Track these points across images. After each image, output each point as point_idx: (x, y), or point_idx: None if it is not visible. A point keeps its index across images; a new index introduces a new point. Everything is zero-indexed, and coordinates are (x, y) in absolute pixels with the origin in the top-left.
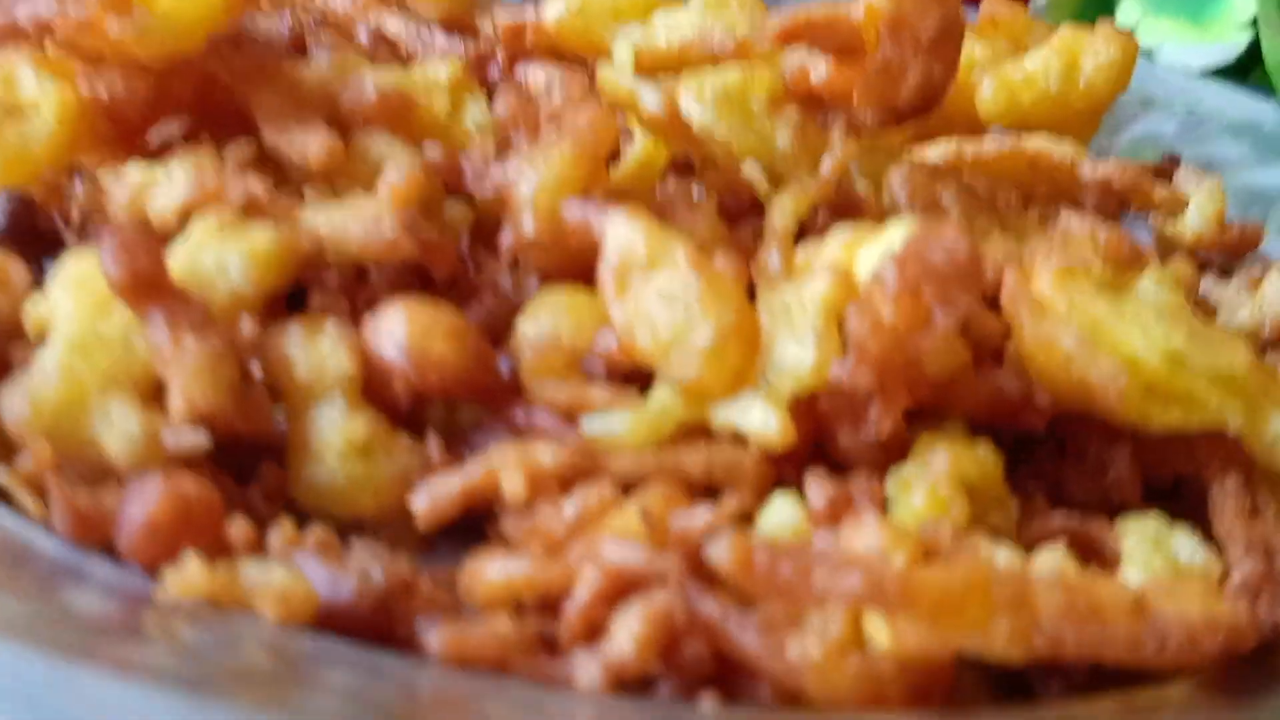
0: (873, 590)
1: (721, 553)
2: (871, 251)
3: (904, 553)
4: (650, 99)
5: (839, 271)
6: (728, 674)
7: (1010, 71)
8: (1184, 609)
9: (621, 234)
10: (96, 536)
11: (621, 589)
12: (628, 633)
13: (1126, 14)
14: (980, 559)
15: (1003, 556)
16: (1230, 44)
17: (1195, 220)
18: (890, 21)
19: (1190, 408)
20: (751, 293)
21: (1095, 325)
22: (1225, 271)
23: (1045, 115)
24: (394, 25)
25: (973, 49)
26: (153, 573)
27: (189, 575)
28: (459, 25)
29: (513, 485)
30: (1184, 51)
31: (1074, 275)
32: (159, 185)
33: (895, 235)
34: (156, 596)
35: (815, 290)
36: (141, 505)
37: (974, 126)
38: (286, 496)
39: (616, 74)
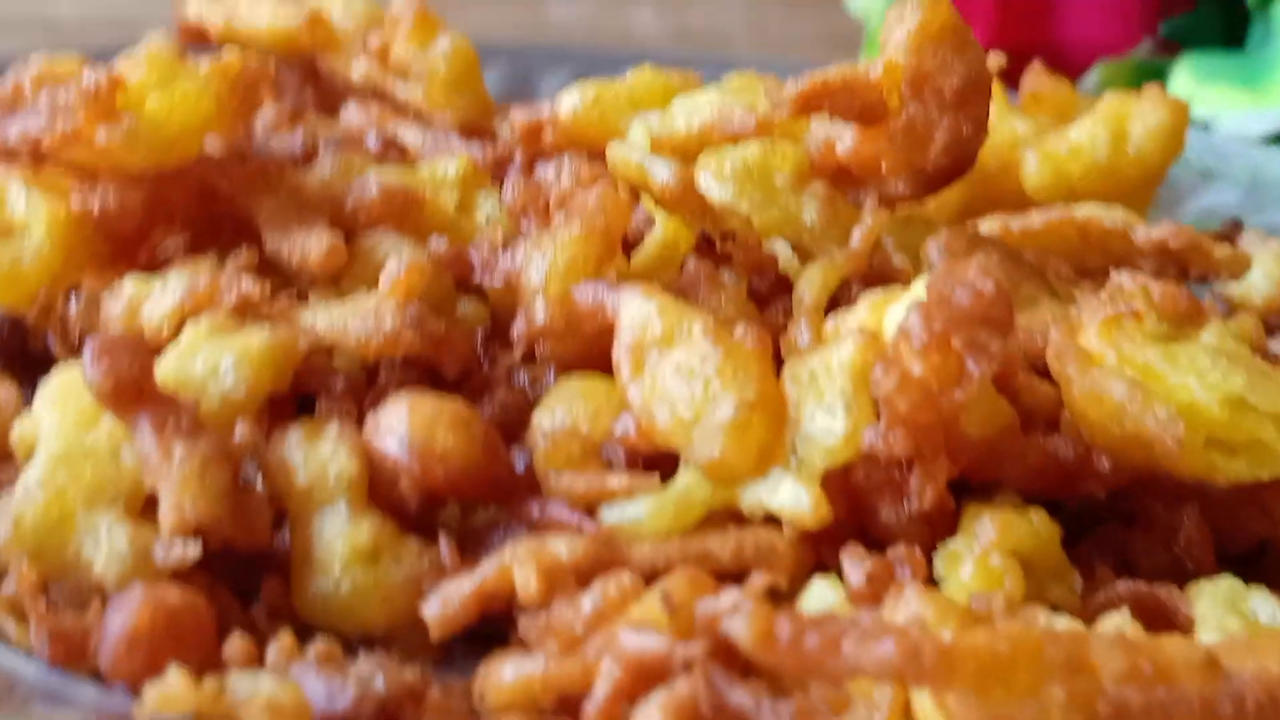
0: (909, 660)
1: (740, 626)
2: (899, 310)
3: (949, 624)
4: (661, 172)
5: (867, 334)
6: None
7: (1055, 144)
8: (1263, 666)
9: (636, 311)
10: (80, 659)
11: (643, 682)
12: None
13: (1179, 86)
14: (1029, 623)
15: (1061, 625)
16: None
17: (1263, 284)
18: (912, 78)
19: (1258, 456)
20: (780, 368)
21: (1147, 373)
22: None
23: (1096, 187)
24: (408, 134)
25: (1015, 126)
26: (138, 693)
27: (171, 689)
28: (477, 131)
29: (526, 582)
30: (1242, 120)
31: (1122, 324)
32: (153, 296)
33: (921, 288)
34: (135, 714)
35: (843, 355)
36: (122, 618)
37: (1022, 207)
38: (291, 613)
39: (626, 150)
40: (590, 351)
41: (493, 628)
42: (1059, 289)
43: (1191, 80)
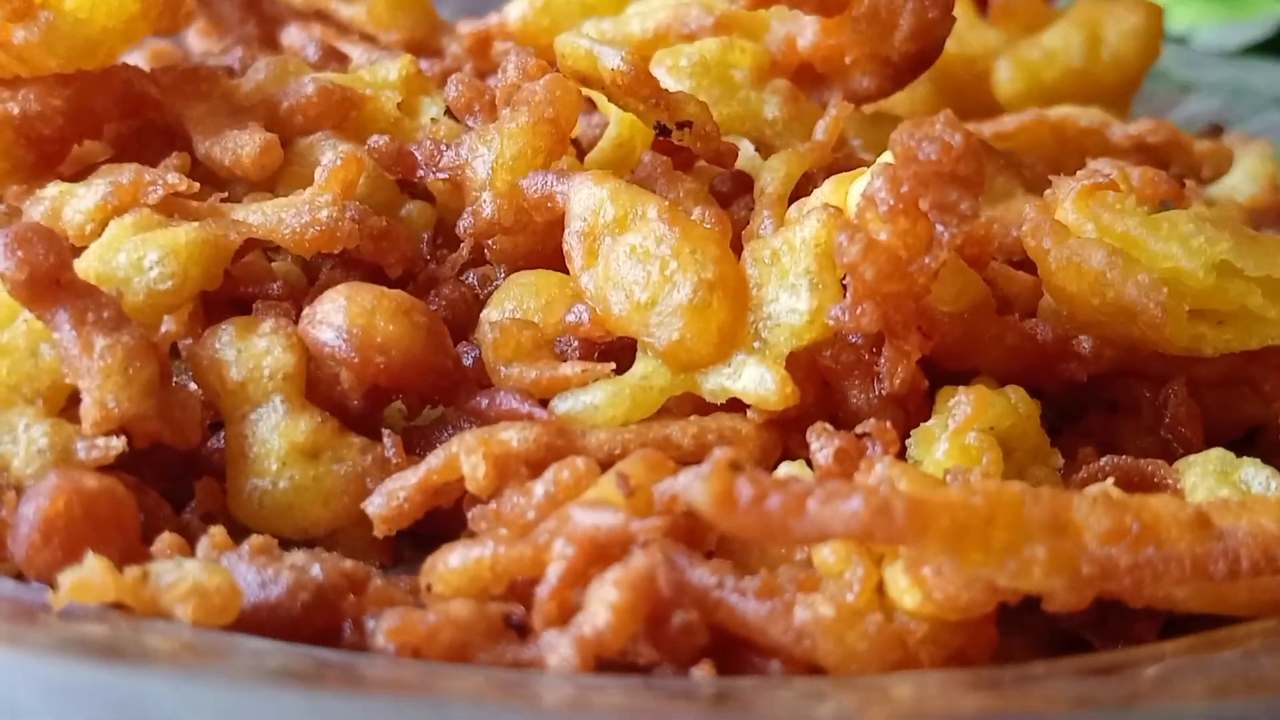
0: (879, 516)
1: (699, 490)
2: (863, 182)
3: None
4: (611, 59)
5: (831, 209)
6: (731, 654)
7: (1028, 51)
8: (1258, 524)
9: (587, 197)
10: None
11: (598, 562)
12: (602, 602)
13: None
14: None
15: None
16: (1266, 19)
17: (1246, 184)
18: None
19: (1246, 325)
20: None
21: (1127, 242)
22: None
23: (1071, 93)
24: (351, 51)
25: (986, 36)
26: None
27: (88, 575)
28: (423, 49)
29: (474, 470)
30: (1218, 32)
31: (1100, 195)
32: (76, 196)
33: (887, 157)
34: (50, 602)
35: (806, 232)
36: (35, 504)
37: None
38: (227, 517)
39: (574, 38)
40: (541, 248)
41: (443, 530)
42: (1034, 185)
43: None
